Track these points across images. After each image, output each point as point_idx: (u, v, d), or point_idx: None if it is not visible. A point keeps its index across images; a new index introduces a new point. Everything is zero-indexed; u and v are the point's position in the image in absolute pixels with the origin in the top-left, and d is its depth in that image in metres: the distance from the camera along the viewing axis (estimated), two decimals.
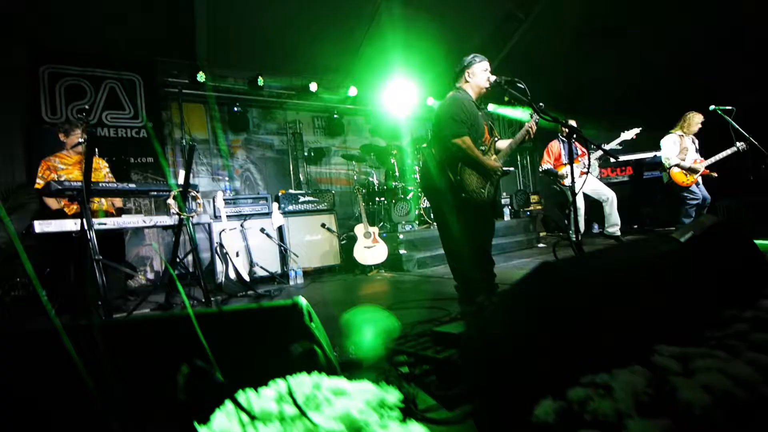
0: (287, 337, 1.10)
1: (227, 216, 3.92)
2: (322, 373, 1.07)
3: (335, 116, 6.67)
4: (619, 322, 0.96)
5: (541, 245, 5.67)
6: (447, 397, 1.34)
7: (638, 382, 0.76)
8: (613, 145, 4.83)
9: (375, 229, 4.89)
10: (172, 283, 2.98)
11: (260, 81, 5.64)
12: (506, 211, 6.43)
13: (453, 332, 1.74)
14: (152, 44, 5.09)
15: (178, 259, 3.00)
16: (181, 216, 2.97)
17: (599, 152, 4.80)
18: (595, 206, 5.05)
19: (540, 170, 5.20)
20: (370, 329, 1.86)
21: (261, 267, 4.01)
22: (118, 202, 3.45)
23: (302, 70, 6.06)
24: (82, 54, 4.85)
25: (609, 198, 4.83)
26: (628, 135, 4.72)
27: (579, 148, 5.00)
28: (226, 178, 5.66)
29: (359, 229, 4.83)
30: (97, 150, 3.23)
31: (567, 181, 4.91)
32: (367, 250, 4.73)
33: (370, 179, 5.79)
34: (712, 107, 4.53)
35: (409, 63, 6.08)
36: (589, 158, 4.77)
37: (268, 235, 4.32)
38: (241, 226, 4.12)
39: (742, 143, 4.39)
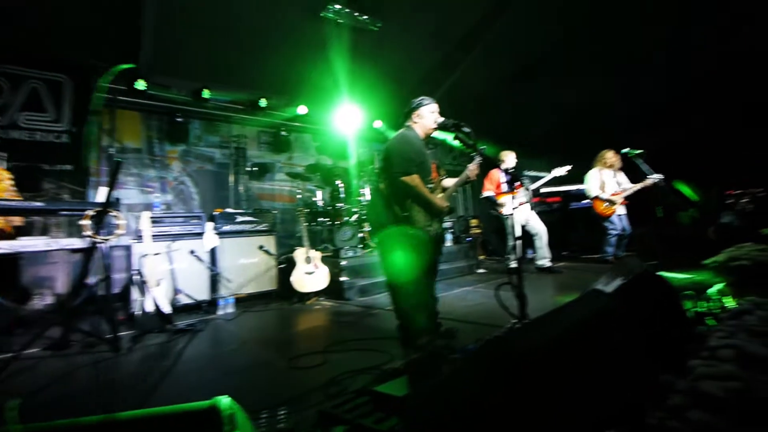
0: None
1: (154, 236, 3.54)
2: None
3: (282, 133, 6.46)
4: (558, 403, 0.94)
5: (480, 270, 5.77)
6: None
7: None
8: (544, 180, 5.18)
9: (317, 254, 4.70)
10: (73, 315, 2.60)
11: (206, 93, 5.36)
12: (448, 236, 6.41)
13: (396, 395, 1.63)
14: (89, 46, 4.62)
15: (87, 285, 2.62)
16: (95, 240, 2.62)
17: (536, 185, 5.27)
18: (526, 234, 5.35)
19: (481, 197, 5.43)
20: None
21: (186, 294, 3.65)
22: (18, 219, 2.97)
23: (251, 85, 5.83)
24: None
25: (539, 233, 5.15)
26: (559, 171, 5.06)
27: (517, 179, 5.24)
28: (157, 193, 5.21)
29: (300, 253, 4.62)
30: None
31: (505, 210, 5.16)
32: (307, 277, 4.53)
33: (314, 199, 5.64)
34: (624, 150, 5.01)
35: (356, 86, 6.14)
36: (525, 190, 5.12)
37: (198, 257, 3.97)
38: (167, 248, 3.74)
39: (657, 176, 4.82)
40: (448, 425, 0.97)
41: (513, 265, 4.89)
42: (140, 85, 4.91)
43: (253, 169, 6.03)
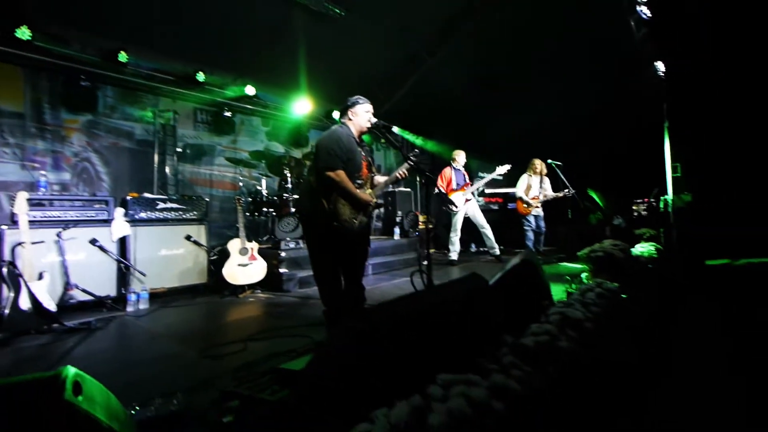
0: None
1: (40, 222, 2.98)
2: None
3: (226, 114, 5.91)
4: (416, 360, 1.14)
5: (426, 263, 5.79)
6: None
7: (402, 412, 0.88)
8: (487, 179, 5.80)
9: (254, 245, 4.34)
10: None
11: (122, 56, 4.56)
12: (396, 230, 6.45)
13: (294, 369, 1.79)
14: None
15: None
16: None
17: (481, 183, 5.95)
18: (471, 229, 5.97)
19: (434, 190, 5.75)
20: None
21: (83, 290, 3.11)
22: None
23: (187, 54, 5.23)
24: None
25: (485, 228, 5.75)
26: (502, 170, 5.61)
27: (466, 177, 5.83)
28: (45, 171, 4.26)
29: (234, 245, 4.21)
30: None
31: (454, 207, 5.70)
32: (241, 269, 4.14)
33: (258, 187, 5.23)
34: (549, 161, 6.11)
35: (315, 74, 5.95)
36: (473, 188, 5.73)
37: (101, 247, 3.40)
38: (58, 235, 3.15)
39: (567, 190, 5.89)
40: (330, 383, 1.10)
41: (453, 257, 5.79)
42: (23, 33, 3.94)
43: (186, 150, 5.41)
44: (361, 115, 2.67)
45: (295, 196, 4.96)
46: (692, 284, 4.13)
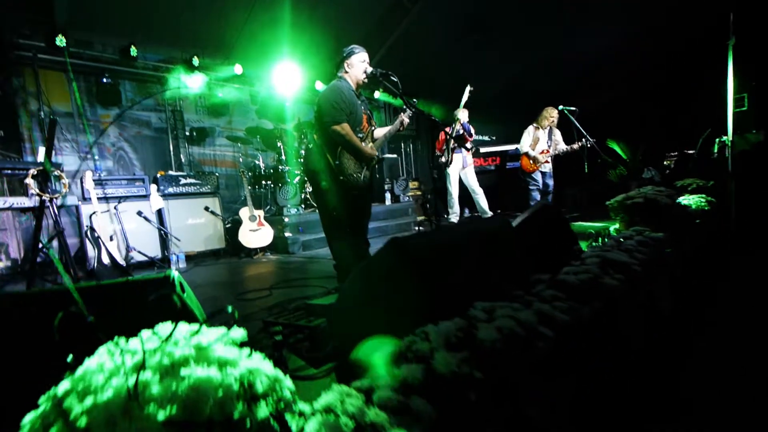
0: (160, 308, 1.15)
1: (99, 198, 3.71)
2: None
3: (219, 95, 6.44)
4: (451, 286, 1.16)
5: (418, 228, 6.27)
6: (315, 359, 1.54)
7: (451, 328, 0.91)
8: (459, 112, 5.25)
9: (260, 213, 5.05)
10: (34, 271, 2.85)
11: (133, 51, 5.12)
12: (387, 195, 6.79)
13: (324, 303, 1.93)
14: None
15: (41, 245, 2.85)
16: (43, 197, 2.82)
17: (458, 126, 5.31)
18: (465, 193, 5.74)
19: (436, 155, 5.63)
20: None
21: (139, 252, 3.91)
22: None
23: (182, 42, 5.66)
24: None
25: (478, 193, 5.56)
26: (466, 94, 5.06)
27: (464, 137, 5.34)
28: (96, 157, 5.04)
29: (244, 213, 4.95)
30: None
31: (450, 169, 5.46)
32: (253, 234, 4.89)
33: (257, 162, 5.83)
34: (560, 107, 5.25)
35: (296, 45, 6.01)
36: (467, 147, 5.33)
37: (146, 218, 4.19)
38: (115, 209, 3.91)
39: (585, 140, 5.06)
40: (360, 311, 1.18)
41: (453, 219, 5.59)
42: (60, 41, 4.54)
43: (193, 133, 6.03)
44: (357, 66, 2.57)
45: (289, 168, 5.48)
46: (753, 242, 3.45)
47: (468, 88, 5.05)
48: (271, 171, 5.60)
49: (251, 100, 7.06)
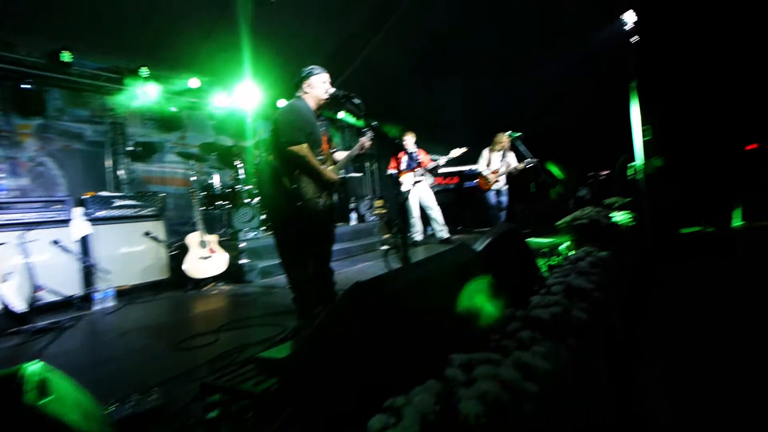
0: None
1: (1, 225, 3.04)
2: None
3: (172, 108, 5.89)
4: (424, 336, 1.04)
5: (384, 247, 5.77)
6: None
7: (427, 401, 0.78)
8: (441, 161, 5.54)
9: (213, 238, 4.55)
10: None
11: (66, 56, 4.49)
12: (353, 216, 6.57)
13: (278, 357, 1.62)
14: None
15: None
16: None
17: (433, 166, 5.58)
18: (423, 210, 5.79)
19: (387, 173, 5.82)
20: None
21: (50, 291, 3.22)
22: None
23: (131, 50, 5.12)
24: None
25: (432, 209, 5.67)
26: (457, 153, 5.44)
27: (418, 158, 5.64)
28: (6, 175, 4.25)
29: (193, 238, 4.40)
30: None
31: (404, 187, 5.55)
32: (202, 262, 4.34)
33: (211, 181, 5.34)
34: (508, 132, 5.83)
35: (258, 66, 5.82)
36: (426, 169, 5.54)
37: (63, 248, 3.51)
38: (21, 238, 3.22)
39: (529, 160, 5.63)
40: (321, 370, 1.03)
41: (417, 237, 5.72)
42: None
43: (136, 149, 5.40)
44: (318, 86, 2.48)
45: (248, 187, 5.09)
46: (667, 252, 4.06)
47: (462, 150, 5.38)
48: (228, 191, 5.14)
49: (209, 115, 6.60)
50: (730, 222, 5.81)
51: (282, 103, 6.81)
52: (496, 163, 5.96)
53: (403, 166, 5.61)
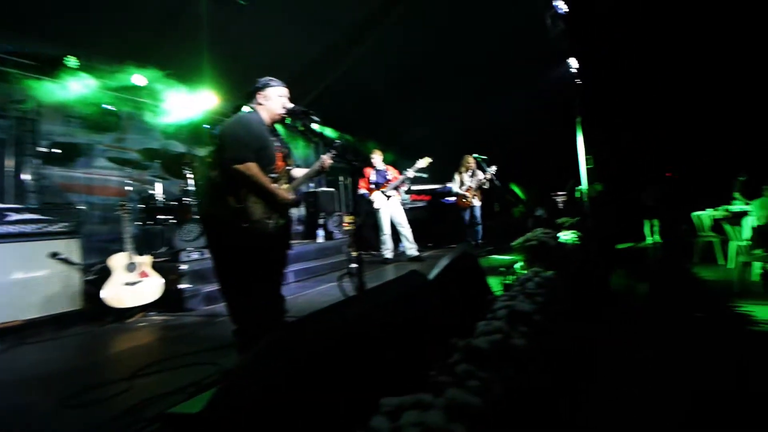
0: None
1: None
2: None
3: (109, 107, 5.08)
4: (352, 383, 0.97)
5: (353, 265, 5.60)
6: None
7: None
8: (409, 175, 5.63)
9: (146, 259, 3.76)
10: None
11: None
12: (320, 233, 6.20)
13: (190, 413, 1.55)
14: None
15: None
16: None
17: (400, 180, 5.65)
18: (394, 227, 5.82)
19: (357, 192, 5.77)
20: None
21: None
22: None
23: (61, 35, 4.39)
24: None
25: (403, 227, 5.63)
26: (422, 163, 5.55)
27: (388, 175, 5.67)
28: None
29: (118, 260, 3.60)
30: None
31: (375, 205, 5.59)
32: (128, 288, 3.54)
33: (152, 192, 4.60)
34: (474, 155, 6.43)
35: (225, 65, 5.42)
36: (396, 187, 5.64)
37: None
38: None
39: (487, 173, 6.28)
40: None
41: (388, 255, 5.68)
42: None
43: (52, 150, 4.48)
44: (274, 100, 2.31)
45: (197, 200, 4.44)
46: (608, 266, 4.61)
47: (427, 160, 5.56)
48: (173, 204, 4.46)
49: (156, 116, 5.80)
50: (647, 238, 7.30)
51: (247, 110, 6.32)
52: (468, 183, 6.44)
53: (371, 184, 5.66)
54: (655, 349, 2.47)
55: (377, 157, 5.77)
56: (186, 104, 5.73)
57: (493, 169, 6.28)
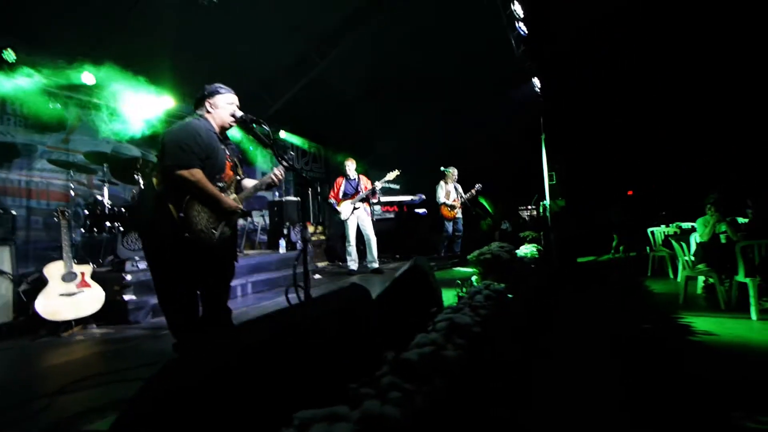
0: None
1: None
2: None
3: (55, 105, 4.75)
4: (266, 398, 0.94)
5: (317, 276, 5.56)
6: None
7: None
8: (380, 184, 5.59)
9: (86, 268, 3.51)
10: None
11: None
12: (282, 243, 6.00)
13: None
14: None
15: None
16: None
17: (370, 191, 5.59)
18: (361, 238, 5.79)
19: (327, 202, 5.91)
20: None
21: None
22: None
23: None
24: None
25: (370, 239, 5.55)
26: (391, 176, 5.53)
27: (359, 186, 5.62)
28: None
29: (54, 269, 3.35)
30: None
31: (343, 215, 5.56)
32: (66, 300, 3.30)
33: (99, 197, 4.29)
34: (442, 168, 6.57)
35: (184, 63, 5.14)
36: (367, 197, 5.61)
37: None
38: None
39: (474, 188, 6.52)
40: None
41: (353, 266, 5.64)
42: None
43: None
44: (223, 108, 2.25)
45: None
46: (567, 279, 4.72)
47: (395, 172, 5.53)
48: (122, 210, 4.17)
49: (110, 117, 5.45)
50: (611, 252, 7.72)
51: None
52: (454, 193, 6.52)
53: (341, 193, 5.62)
54: (595, 360, 2.55)
55: (351, 165, 5.71)
56: (142, 105, 5.40)
57: (477, 187, 6.52)
